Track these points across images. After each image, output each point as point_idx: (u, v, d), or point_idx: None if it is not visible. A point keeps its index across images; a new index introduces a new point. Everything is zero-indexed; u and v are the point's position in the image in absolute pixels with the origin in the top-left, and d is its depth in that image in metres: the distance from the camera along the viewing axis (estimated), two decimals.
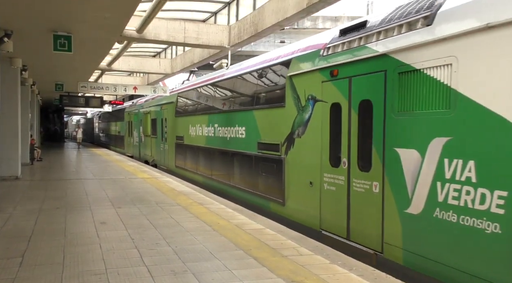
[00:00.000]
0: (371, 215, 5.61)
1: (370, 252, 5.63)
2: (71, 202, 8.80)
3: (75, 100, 27.25)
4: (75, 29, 9.95)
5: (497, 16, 4.08)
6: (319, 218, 6.77)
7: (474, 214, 4.22)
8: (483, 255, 4.12)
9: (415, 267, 4.97)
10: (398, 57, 5.22)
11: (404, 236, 5.07)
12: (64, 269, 4.63)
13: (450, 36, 4.57)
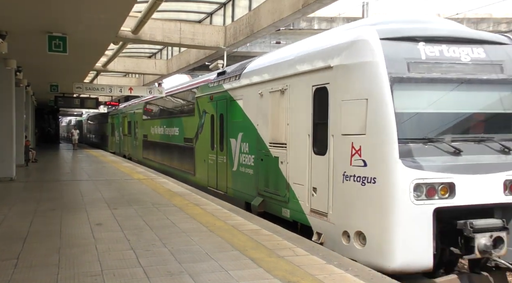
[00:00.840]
0: (223, 175, 10.34)
1: (223, 193, 10.32)
2: (67, 203, 8.77)
3: (70, 102, 27.13)
4: (70, 30, 9.91)
5: (255, 79, 8.82)
6: (207, 180, 11.47)
7: (248, 167, 9.03)
8: (250, 184, 8.87)
9: (234, 195, 9.71)
10: (230, 92, 9.99)
11: (232, 182, 9.84)
12: (59, 270, 4.61)
13: (242, 85, 9.34)
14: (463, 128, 5.82)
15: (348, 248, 5.75)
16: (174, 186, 11.50)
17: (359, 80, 5.77)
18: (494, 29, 31.80)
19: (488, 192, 5.49)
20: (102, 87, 26.41)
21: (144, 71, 26.58)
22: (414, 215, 5.21)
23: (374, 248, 5.41)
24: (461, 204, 5.37)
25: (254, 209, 8.41)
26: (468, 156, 5.53)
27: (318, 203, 6.48)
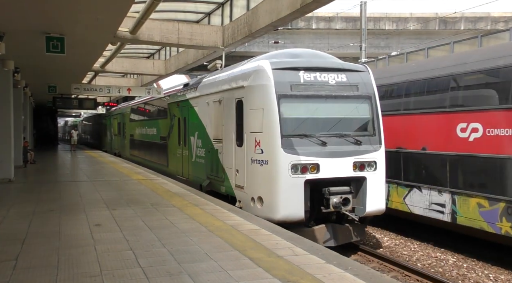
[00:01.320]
0: (186, 164, 12.85)
1: (185, 178, 12.77)
2: (65, 204, 8.75)
3: (68, 102, 27.09)
4: (68, 30, 9.90)
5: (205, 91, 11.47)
6: (176, 170, 14.03)
7: (201, 157, 11.42)
8: (202, 171, 11.32)
9: (193, 180, 12.17)
10: (190, 101, 12.54)
11: (192, 169, 12.30)
12: (58, 271, 4.60)
13: (197, 96, 11.91)
14: (328, 128, 8.47)
15: (254, 208, 8.38)
16: (173, 186, 11.49)
17: (259, 96, 8.47)
18: (492, 27, 31.85)
19: (343, 170, 8.27)
20: (100, 88, 26.38)
21: (142, 72, 26.53)
22: (291, 185, 7.90)
23: (267, 206, 8.12)
24: (324, 177, 8.15)
25: (204, 189, 11.13)
26: (331, 146, 8.29)
27: (239, 180, 9.17)
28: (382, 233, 10.30)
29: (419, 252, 8.83)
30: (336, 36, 35.02)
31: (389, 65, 17.16)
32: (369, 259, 8.42)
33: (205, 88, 11.61)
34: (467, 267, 7.88)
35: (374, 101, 8.90)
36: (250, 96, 8.76)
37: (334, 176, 8.19)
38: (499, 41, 14.28)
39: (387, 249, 9.10)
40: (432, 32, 34.16)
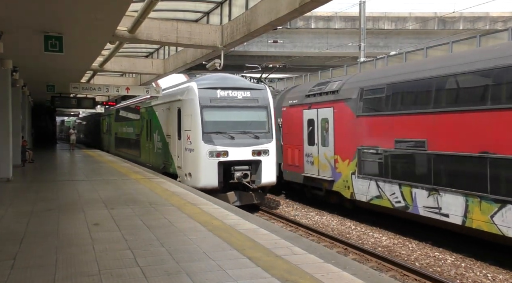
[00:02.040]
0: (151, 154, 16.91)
1: (150, 165, 16.59)
2: (64, 204, 8.74)
3: (67, 102, 27.01)
4: (66, 29, 9.87)
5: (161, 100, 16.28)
6: (145, 159, 17.59)
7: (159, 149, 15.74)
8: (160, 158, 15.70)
9: (154, 165, 16.17)
10: (153, 107, 16.83)
11: (154, 158, 16.11)
12: (56, 271, 4.59)
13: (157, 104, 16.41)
14: (236, 128, 12.61)
15: (186, 180, 12.66)
16: (171, 186, 11.49)
17: (189, 106, 12.75)
18: (491, 27, 31.86)
19: (245, 155, 12.37)
20: (99, 87, 26.31)
21: (141, 71, 26.46)
22: (208, 165, 12.05)
23: (194, 179, 12.37)
24: (232, 160, 12.23)
25: (160, 171, 15.15)
26: (237, 140, 12.40)
27: (179, 162, 13.50)
28: (380, 233, 10.31)
29: (417, 252, 8.84)
30: (335, 36, 35.04)
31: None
32: (368, 258, 8.44)
33: (162, 98, 16.28)
34: (465, 267, 7.89)
35: (269, 110, 13.25)
36: (184, 106, 13.23)
37: (239, 159, 12.48)
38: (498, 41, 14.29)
39: (385, 249, 9.11)
40: (431, 31, 34.19)
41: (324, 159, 13.00)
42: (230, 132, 12.50)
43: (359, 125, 11.54)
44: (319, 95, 13.53)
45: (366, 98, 11.40)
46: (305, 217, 12.21)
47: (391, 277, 6.96)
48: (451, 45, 15.85)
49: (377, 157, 10.71)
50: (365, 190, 11.09)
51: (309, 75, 24.60)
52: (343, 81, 12.59)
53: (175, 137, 13.87)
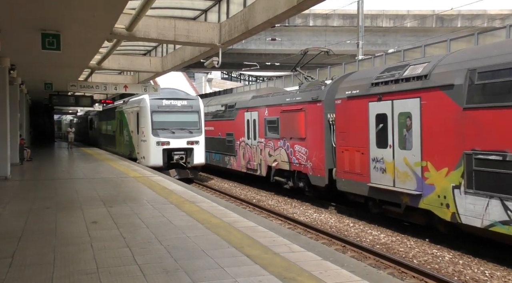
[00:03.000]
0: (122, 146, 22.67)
1: (122, 153, 22.36)
2: (62, 202, 8.73)
3: (65, 100, 26.98)
4: (64, 27, 9.85)
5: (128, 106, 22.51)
6: (118, 150, 23.46)
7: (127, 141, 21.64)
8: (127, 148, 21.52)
9: (124, 154, 22.15)
10: (124, 110, 22.41)
11: (124, 148, 22.13)
12: (54, 269, 4.59)
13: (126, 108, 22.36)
14: (176, 126, 18.38)
15: (141, 161, 18.38)
16: (169, 184, 11.49)
17: (143, 111, 18.51)
18: (489, 25, 31.87)
19: (181, 144, 18.19)
20: (97, 85, 26.27)
21: (139, 69, 26.41)
22: (156, 151, 17.87)
23: (146, 160, 18.12)
24: (172, 147, 18.05)
25: (127, 156, 20.45)
26: (176, 134, 18.27)
27: (138, 150, 19.17)
28: (378, 230, 10.33)
29: (415, 249, 8.86)
30: (333, 33, 35.01)
31: None
32: (366, 255, 8.46)
33: (128, 104, 21.98)
34: (463, 264, 7.92)
35: (200, 113, 19.10)
36: (140, 111, 18.94)
37: (177, 147, 18.16)
38: (496, 39, 14.30)
39: (383, 246, 9.13)
40: (429, 29, 34.19)
41: (403, 166, 9.88)
42: (171, 129, 18.42)
43: (469, 121, 8.30)
44: (393, 83, 10.31)
45: (480, 83, 8.12)
46: (303, 215, 12.23)
47: (389, 274, 6.98)
48: (449, 42, 15.85)
49: (504, 166, 7.59)
50: (480, 212, 7.96)
51: (307, 73, 24.57)
52: (433, 63, 9.56)
53: (135, 132, 19.82)
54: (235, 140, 18.63)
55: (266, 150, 16.25)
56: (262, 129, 16.65)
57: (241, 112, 18.24)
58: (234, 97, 20.14)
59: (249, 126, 17.45)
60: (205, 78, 71.35)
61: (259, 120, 16.88)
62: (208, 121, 21.22)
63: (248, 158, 17.55)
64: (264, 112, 16.59)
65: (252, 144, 17.31)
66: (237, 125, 18.57)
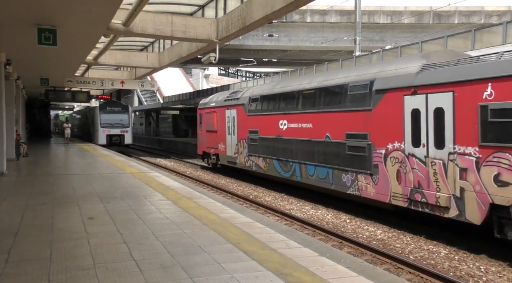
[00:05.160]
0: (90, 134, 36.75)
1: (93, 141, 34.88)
2: (58, 198, 8.72)
3: (61, 95, 26.89)
4: (60, 22, 9.79)
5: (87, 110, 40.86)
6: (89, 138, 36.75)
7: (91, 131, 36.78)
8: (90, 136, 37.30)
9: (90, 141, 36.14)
10: (91, 112, 37.02)
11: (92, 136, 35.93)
12: (51, 264, 4.59)
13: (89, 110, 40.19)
14: (115, 122, 32.35)
15: (96, 142, 32.34)
16: (166, 180, 11.48)
17: (96, 113, 32.98)
18: (486, 21, 31.92)
19: (117, 132, 32.21)
20: (94, 81, 26.20)
21: (136, 65, 26.35)
22: (103, 136, 31.77)
23: (96, 141, 32.65)
24: (112, 134, 32.00)
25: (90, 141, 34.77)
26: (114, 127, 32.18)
27: (93, 136, 34.33)
28: (375, 226, 10.37)
29: (411, 245, 8.90)
30: (331, 30, 34.96)
31: None
32: (362, 251, 8.50)
33: (91, 110, 34.94)
34: (459, 259, 7.96)
35: (129, 115, 33.01)
36: (94, 113, 33.17)
37: (114, 134, 31.61)
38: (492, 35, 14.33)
39: (380, 242, 9.17)
40: (426, 25, 34.20)
41: None
42: (112, 124, 31.74)
43: None
44: None
45: None
46: (300, 211, 12.26)
47: (385, 270, 7.01)
48: (446, 39, 15.85)
49: None
50: None
51: (304, 69, 24.57)
52: None
53: (93, 126, 33.84)
54: (375, 148, 10.53)
55: (485, 171, 7.97)
56: (471, 128, 8.24)
57: (394, 97, 9.98)
58: (363, 71, 11.61)
59: (419, 122, 9.36)
60: (202, 74, 71.21)
61: (458, 110, 8.51)
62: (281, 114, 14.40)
63: (413, 181, 9.48)
64: (480, 93, 8.10)
65: (429, 155, 9.13)
66: (381, 120, 10.38)
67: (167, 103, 47.15)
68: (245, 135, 17.03)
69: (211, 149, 20.84)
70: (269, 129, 15.14)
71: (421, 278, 7.08)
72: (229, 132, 18.73)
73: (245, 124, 17.06)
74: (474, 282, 6.91)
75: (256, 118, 16.13)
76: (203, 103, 22.54)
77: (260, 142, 15.81)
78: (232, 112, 18.31)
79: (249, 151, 16.68)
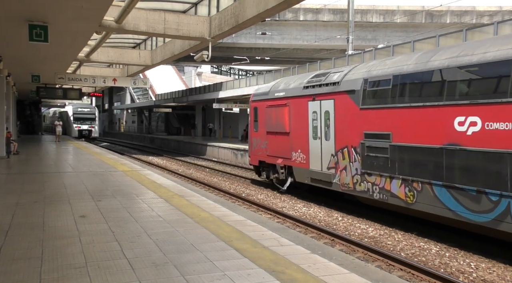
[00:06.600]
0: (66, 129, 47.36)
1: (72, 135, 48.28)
2: (49, 196, 8.66)
3: (52, 92, 26.69)
4: (52, 19, 9.72)
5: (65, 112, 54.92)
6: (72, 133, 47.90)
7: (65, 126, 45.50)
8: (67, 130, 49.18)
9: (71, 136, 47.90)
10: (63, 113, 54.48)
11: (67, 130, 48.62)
12: (42, 263, 4.57)
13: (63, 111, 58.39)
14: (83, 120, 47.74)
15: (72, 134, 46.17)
16: (158, 178, 11.45)
17: (67, 114, 49.71)
18: (477, 21, 32.18)
19: (86, 127, 47.22)
20: (85, 78, 26.00)
21: (128, 62, 26.23)
22: (76, 130, 46.40)
23: (69, 134, 46.72)
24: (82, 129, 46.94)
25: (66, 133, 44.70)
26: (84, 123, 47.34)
27: (67, 130, 46.65)
28: (367, 224, 10.44)
29: (403, 242, 8.98)
30: (324, 28, 35.02)
31: None
32: (354, 249, 8.55)
33: (67, 110, 50.10)
34: (450, 256, 8.05)
35: (95, 114, 48.50)
36: (69, 113, 48.50)
37: (84, 129, 46.33)
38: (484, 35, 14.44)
39: (372, 239, 9.24)
40: (418, 25, 34.38)
41: None
42: (82, 121, 46.51)
43: None
44: None
45: None
46: (292, 209, 12.30)
47: (377, 267, 7.06)
48: (437, 38, 15.97)
49: None
50: None
51: (297, 68, 24.60)
52: None
53: (68, 122, 47.00)
54: None
55: None
56: None
57: None
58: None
59: None
60: (195, 72, 71.01)
61: None
62: (463, 105, 8.11)
63: None
64: None
65: None
66: None
67: (160, 101, 47.00)
68: (354, 141, 10.81)
69: (277, 159, 14.36)
70: (422, 132, 8.95)
71: (412, 275, 7.14)
72: (317, 135, 12.41)
73: (355, 123, 10.80)
74: (465, 278, 6.99)
75: (383, 113, 9.89)
76: (261, 93, 15.80)
77: (395, 153, 9.51)
78: (325, 105, 12.03)
79: (365, 166, 10.41)
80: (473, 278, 7.03)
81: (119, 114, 71.42)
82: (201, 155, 30.61)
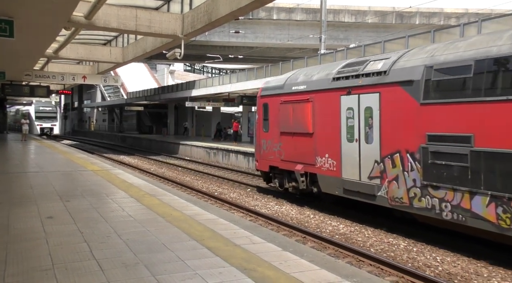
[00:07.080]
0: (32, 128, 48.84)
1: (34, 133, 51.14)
2: (15, 197, 8.39)
3: (18, 90, 25.83)
4: (18, 13, 9.41)
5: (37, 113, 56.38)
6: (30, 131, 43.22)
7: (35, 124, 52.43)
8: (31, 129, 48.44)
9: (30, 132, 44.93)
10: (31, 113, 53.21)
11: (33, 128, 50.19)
12: (7, 266, 4.42)
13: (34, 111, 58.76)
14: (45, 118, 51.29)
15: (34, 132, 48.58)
16: (129, 177, 11.28)
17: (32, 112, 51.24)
18: (445, 23, 33.15)
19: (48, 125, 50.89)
20: (54, 75, 25.30)
21: (98, 59, 25.68)
22: (38, 128, 49.53)
23: (32, 131, 47.28)
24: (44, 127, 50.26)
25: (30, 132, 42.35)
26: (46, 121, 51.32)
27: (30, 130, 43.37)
28: (338, 221, 10.61)
29: (372, 238, 9.17)
30: (297, 27, 35.30)
31: None
32: (325, 246, 8.68)
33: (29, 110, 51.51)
34: (417, 251, 8.28)
35: (56, 113, 52.04)
36: (30, 112, 50.50)
37: (46, 127, 49.68)
38: (451, 36, 14.89)
39: (342, 236, 9.39)
40: (389, 25, 35.13)
41: None
42: (43, 119, 49.53)
43: None
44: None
45: None
46: (264, 207, 12.36)
47: (347, 263, 7.19)
48: (407, 39, 16.36)
49: None
50: None
51: (270, 67, 24.69)
52: None
53: (30, 121, 42.51)
54: None
55: None
56: None
57: None
58: None
59: None
60: (168, 70, 70.21)
61: None
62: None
63: None
64: None
65: None
66: None
67: (131, 99, 46.24)
68: (410, 145, 8.64)
69: (296, 165, 12.01)
70: None
71: (381, 270, 7.31)
72: (353, 136, 10.19)
73: (412, 123, 8.60)
74: (431, 272, 7.21)
75: (460, 109, 7.68)
76: (272, 87, 13.28)
77: (480, 161, 7.35)
78: (365, 100, 9.75)
79: (428, 176, 8.27)
80: (439, 271, 7.26)
81: (90, 112, 69.86)
82: (173, 153, 30.33)
